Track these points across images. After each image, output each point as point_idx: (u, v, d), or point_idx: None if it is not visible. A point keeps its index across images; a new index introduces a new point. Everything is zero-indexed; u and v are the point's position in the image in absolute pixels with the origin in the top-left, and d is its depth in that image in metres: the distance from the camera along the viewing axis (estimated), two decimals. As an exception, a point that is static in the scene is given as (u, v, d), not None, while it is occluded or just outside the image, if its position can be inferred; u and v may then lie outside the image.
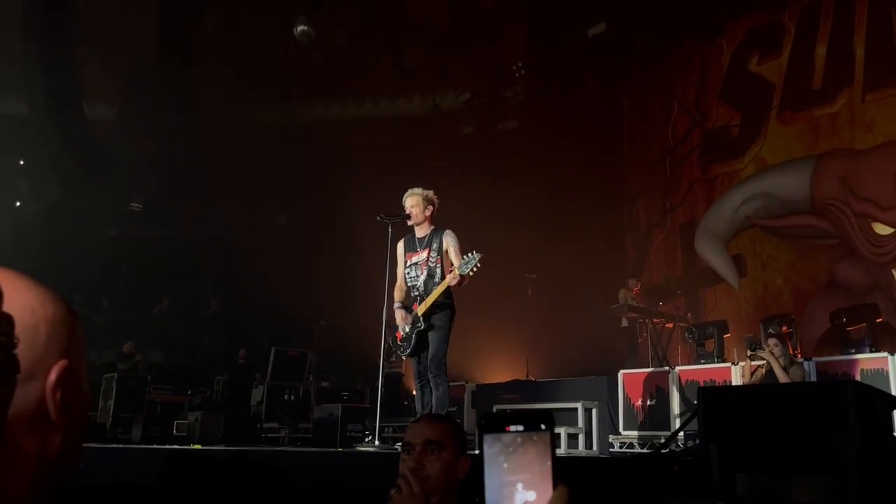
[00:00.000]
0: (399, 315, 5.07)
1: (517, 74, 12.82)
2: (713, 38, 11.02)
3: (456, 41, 14.00)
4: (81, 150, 12.42)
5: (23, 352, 0.68)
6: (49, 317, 0.74)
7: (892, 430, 3.04)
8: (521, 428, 0.78)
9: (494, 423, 0.78)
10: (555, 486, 0.77)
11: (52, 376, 0.72)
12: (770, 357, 6.08)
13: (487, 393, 8.77)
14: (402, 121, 14.37)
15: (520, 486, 0.76)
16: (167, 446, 6.99)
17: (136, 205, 14.17)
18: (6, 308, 0.67)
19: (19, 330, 0.67)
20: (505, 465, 0.76)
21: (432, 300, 4.95)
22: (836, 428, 2.61)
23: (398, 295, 5.20)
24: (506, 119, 13.51)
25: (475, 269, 4.75)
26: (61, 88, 12.15)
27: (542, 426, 0.78)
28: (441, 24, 14.36)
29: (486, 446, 0.77)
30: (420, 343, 5.06)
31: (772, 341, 6.25)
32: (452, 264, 5.00)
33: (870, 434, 2.63)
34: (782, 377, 6.00)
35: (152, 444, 7.37)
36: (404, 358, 5.31)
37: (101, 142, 13.14)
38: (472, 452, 1.80)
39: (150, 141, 13.51)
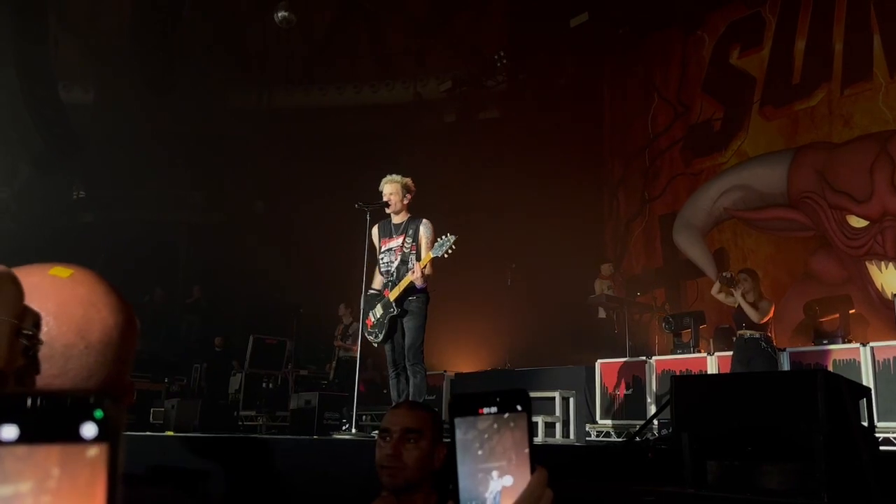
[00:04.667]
0: (371, 295, 5.11)
1: (499, 64, 12.79)
2: (694, 29, 11.06)
3: (436, 28, 13.93)
4: (55, 133, 12.22)
5: None
6: None
7: (859, 419, 3.09)
8: (494, 410, 0.74)
9: (466, 406, 0.74)
10: (533, 469, 0.74)
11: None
12: (740, 298, 6.35)
13: (466, 382, 8.80)
14: (383, 108, 14.30)
15: (494, 473, 0.73)
16: (141, 433, 6.93)
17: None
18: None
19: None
20: (480, 453, 0.73)
21: (403, 286, 4.94)
22: (805, 416, 2.64)
23: (375, 281, 5.21)
24: (487, 108, 13.48)
25: (450, 251, 4.74)
26: (34, 69, 11.92)
27: (518, 407, 0.75)
28: (420, 10, 14.28)
29: (458, 432, 0.73)
30: (392, 329, 5.04)
31: (742, 275, 6.53)
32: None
33: (838, 422, 2.66)
34: (752, 313, 6.27)
35: (127, 432, 7.30)
36: (375, 345, 5.29)
37: (76, 124, 12.92)
38: (446, 440, 1.78)
39: (126, 123, 13.32)
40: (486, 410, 0.74)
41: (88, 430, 0.39)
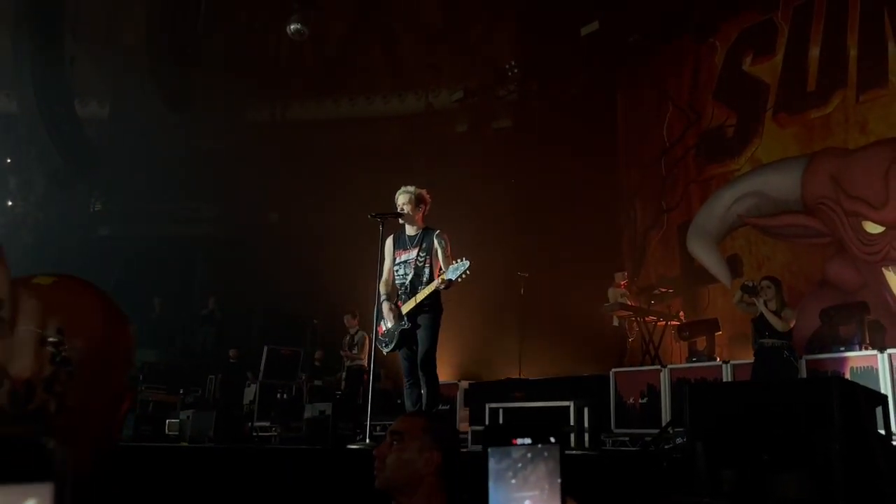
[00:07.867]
0: (385, 307, 5.08)
1: (510, 73, 12.82)
2: (706, 37, 11.03)
3: (448, 39, 14.00)
4: (71, 148, 12.38)
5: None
6: None
7: (876, 426, 3.05)
8: (528, 441, 0.75)
9: (500, 436, 0.75)
10: (563, 501, 0.75)
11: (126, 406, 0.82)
12: (762, 306, 6.26)
13: (480, 391, 8.77)
14: (396, 119, 14.37)
15: (527, 502, 0.74)
16: (157, 444, 6.98)
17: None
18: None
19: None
20: (513, 482, 0.74)
21: (418, 300, 4.94)
22: (820, 424, 2.62)
23: (384, 290, 5.20)
24: (499, 118, 13.51)
25: (464, 276, 4.73)
26: (51, 85, 12.09)
27: (552, 439, 0.76)
28: (433, 22, 14.36)
29: (492, 461, 0.73)
30: (402, 341, 5.05)
31: (764, 282, 6.41)
32: (441, 266, 4.98)
33: (853, 430, 2.64)
34: (776, 322, 6.18)
35: (143, 443, 7.35)
36: (385, 353, 5.30)
37: (92, 139, 13.08)
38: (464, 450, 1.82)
39: (142, 138, 13.48)
40: (519, 441, 0.75)
41: (33, 470, 0.39)
